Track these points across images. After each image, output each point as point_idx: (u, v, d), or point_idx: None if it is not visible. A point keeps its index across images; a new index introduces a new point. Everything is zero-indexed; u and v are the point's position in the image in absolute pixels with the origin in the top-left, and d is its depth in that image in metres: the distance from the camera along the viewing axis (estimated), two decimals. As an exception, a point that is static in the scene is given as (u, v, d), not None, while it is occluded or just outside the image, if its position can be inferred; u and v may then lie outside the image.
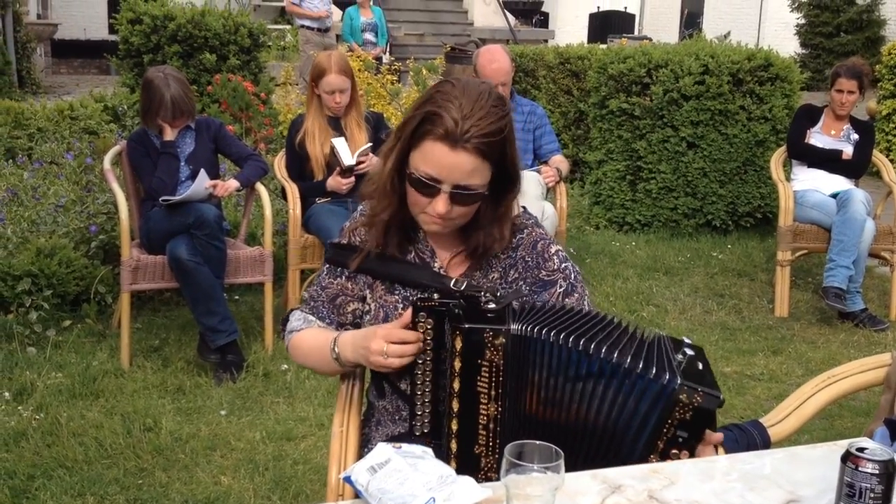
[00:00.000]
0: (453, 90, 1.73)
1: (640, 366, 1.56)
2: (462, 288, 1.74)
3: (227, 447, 3.35)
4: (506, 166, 1.77)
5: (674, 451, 1.55)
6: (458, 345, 1.63)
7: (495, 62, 4.76)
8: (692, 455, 1.56)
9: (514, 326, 1.63)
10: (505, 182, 1.80)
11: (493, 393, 1.64)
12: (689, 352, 1.62)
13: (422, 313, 1.67)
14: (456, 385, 1.65)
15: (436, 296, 1.68)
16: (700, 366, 1.60)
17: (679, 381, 1.54)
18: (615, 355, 1.58)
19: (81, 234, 4.74)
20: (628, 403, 1.58)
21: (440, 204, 1.73)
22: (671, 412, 1.54)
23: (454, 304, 1.65)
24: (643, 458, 1.57)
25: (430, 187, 1.73)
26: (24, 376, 3.83)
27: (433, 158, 1.71)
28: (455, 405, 1.65)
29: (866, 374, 2.03)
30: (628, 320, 1.74)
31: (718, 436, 1.60)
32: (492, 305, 1.64)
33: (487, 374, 1.63)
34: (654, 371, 1.56)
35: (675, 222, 6.52)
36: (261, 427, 3.51)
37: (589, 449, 1.61)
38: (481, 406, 1.64)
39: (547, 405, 1.63)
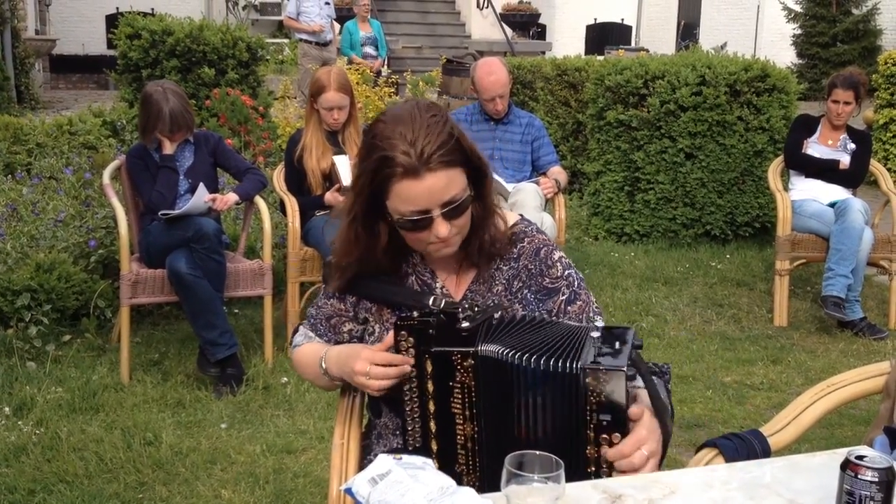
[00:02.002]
0: (386, 127, 1.70)
1: (552, 363, 1.53)
2: (441, 306, 1.75)
3: (228, 460, 3.35)
4: (473, 163, 1.76)
5: (603, 436, 1.51)
6: (429, 368, 1.64)
7: (493, 74, 4.79)
8: (625, 434, 1.51)
9: (483, 347, 1.61)
10: (477, 176, 1.79)
11: (467, 413, 1.64)
12: (596, 334, 1.57)
13: (402, 332, 1.68)
14: (431, 407, 1.66)
15: (415, 314, 1.69)
16: (617, 345, 1.55)
17: (579, 366, 1.51)
18: (548, 361, 1.54)
19: (81, 248, 4.74)
20: (556, 403, 1.55)
21: (441, 229, 1.71)
22: (586, 398, 1.51)
23: (430, 324, 1.65)
24: (579, 454, 1.53)
25: (422, 221, 1.72)
26: (24, 391, 3.83)
27: (408, 196, 1.69)
28: (433, 426, 1.67)
29: (865, 382, 2.03)
30: (577, 323, 1.72)
31: (638, 409, 1.52)
32: (465, 325, 1.64)
33: (460, 396, 1.63)
34: (562, 363, 1.53)
35: (674, 232, 6.53)
36: (261, 440, 3.51)
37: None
38: (457, 426, 1.65)
39: (524, 423, 1.60)
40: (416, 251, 1.87)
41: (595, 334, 1.58)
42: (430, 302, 1.78)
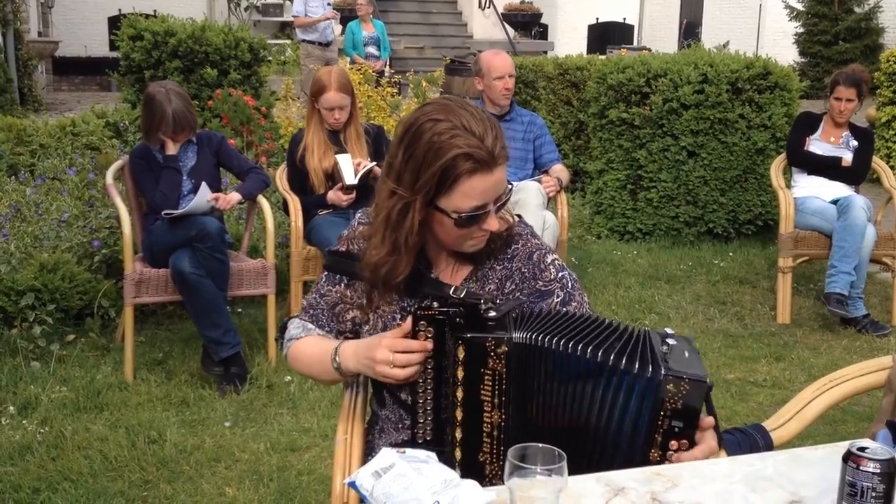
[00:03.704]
0: (443, 125, 1.69)
1: (625, 362, 1.55)
2: (462, 296, 1.75)
3: (232, 459, 3.36)
4: None
5: (672, 441, 1.54)
6: (461, 354, 1.63)
7: (499, 55, 4.93)
8: (691, 444, 1.55)
9: (516, 334, 1.62)
10: None
11: (496, 401, 1.64)
12: (672, 341, 1.60)
13: (422, 322, 1.67)
14: (459, 394, 1.64)
15: (435, 304, 1.68)
16: (686, 354, 1.59)
17: (664, 373, 1.52)
18: (601, 354, 1.56)
19: (84, 248, 4.75)
20: (619, 401, 1.56)
21: (493, 223, 1.75)
22: (662, 404, 1.53)
23: (454, 313, 1.65)
24: (644, 454, 1.56)
25: (478, 217, 1.74)
26: (29, 390, 3.84)
27: (475, 191, 1.71)
28: (459, 414, 1.65)
29: (867, 376, 2.04)
30: (619, 321, 1.74)
31: (710, 420, 1.59)
32: (493, 314, 1.64)
33: (490, 383, 1.63)
34: (639, 365, 1.54)
35: (677, 231, 6.52)
36: (265, 438, 3.51)
37: (592, 451, 1.60)
38: (485, 414, 1.64)
39: (548, 410, 1.62)
40: (445, 246, 1.86)
41: (672, 342, 1.60)
42: (451, 292, 1.77)
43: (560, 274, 1.87)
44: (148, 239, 4.12)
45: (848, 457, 1.34)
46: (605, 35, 19.37)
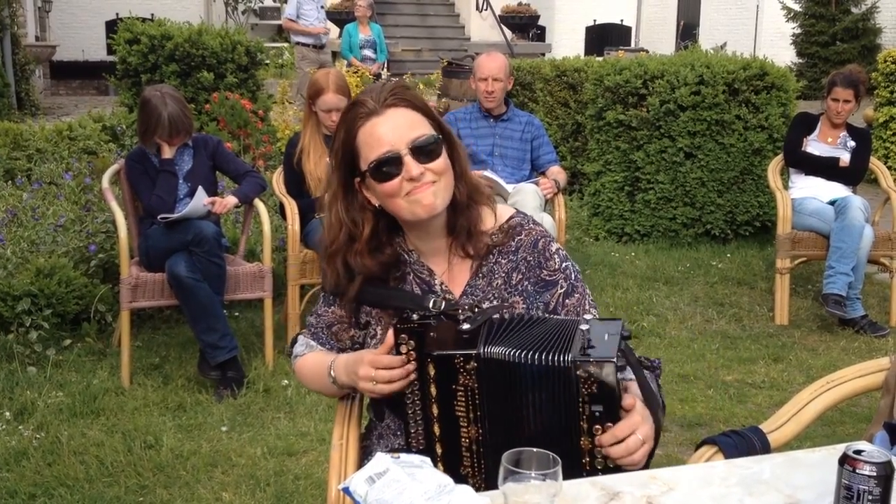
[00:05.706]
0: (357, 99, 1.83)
1: (546, 357, 1.53)
2: (441, 307, 1.74)
3: (229, 463, 3.35)
4: (439, 123, 1.82)
5: (596, 426, 1.51)
6: (432, 372, 1.63)
7: (490, 56, 5.01)
8: (615, 423, 1.51)
9: (485, 349, 1.61)
10: (448, 144, 1.82)
11: (471, 416, 1.63)
12: (584, 327, 1.58)
13: (403, 335, 1.67)
14: (435, 410, 1.65)
15: (415, 317, 1.68)
16: (606, 336, 1.55)
17: (570, 358, 1.50)
18: (544, 356, 1.55)
19: (81, 253, 4.74)
20: (553, 399, 1.55)
21: (411, 167, 1.73)
22: (578, 390, 1.51)
23: (430, 326, 1.65)
24: (574, 446, 1.53)
25: (391, 162, 1.73)
26: (25, 396, 3.83)
27: (374, 137, 1.75)
28: (437, 429, 1.66)
29: (865, 378, 2.02)
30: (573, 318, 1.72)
31: (631, 400, 1.54)
32: (466, 326, 1.64)
33: (464, 398, 1.62)
34: (549, 357, 1.53)
35: (674, 232, 6.52)
36: (262, 443, 3.51)
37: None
38: (462, 429, 1.64)
39: (527, 424, 1.60)
40: (407, 242, 1.87)
41: (584, 326, 1.58)
42: (430, 304, 1.77)
43: (564, 265, 1.87)
44: (144, 243, 4.11)
45: (844, 460, 1.33)
46: (603, 37, 19.40)
